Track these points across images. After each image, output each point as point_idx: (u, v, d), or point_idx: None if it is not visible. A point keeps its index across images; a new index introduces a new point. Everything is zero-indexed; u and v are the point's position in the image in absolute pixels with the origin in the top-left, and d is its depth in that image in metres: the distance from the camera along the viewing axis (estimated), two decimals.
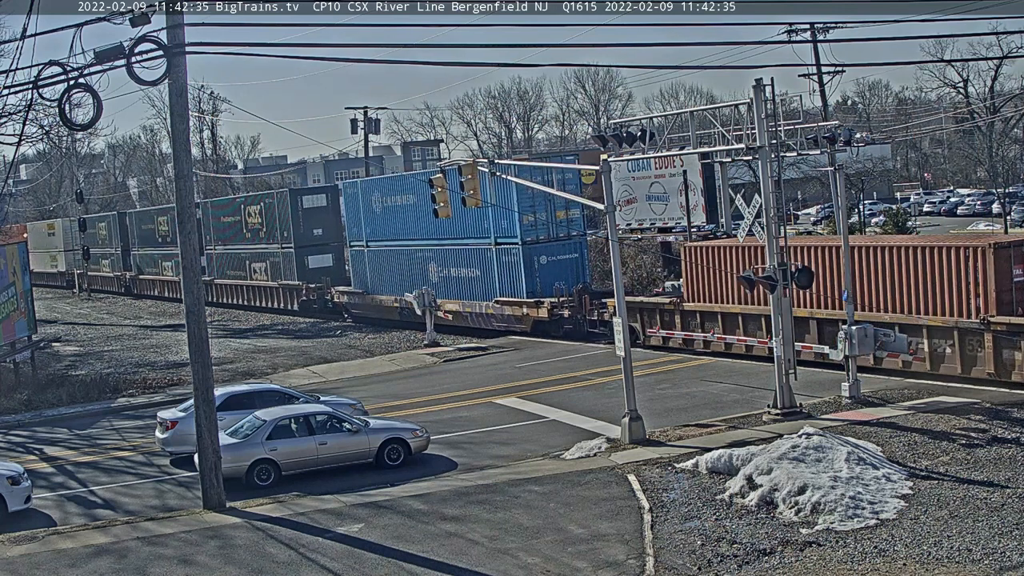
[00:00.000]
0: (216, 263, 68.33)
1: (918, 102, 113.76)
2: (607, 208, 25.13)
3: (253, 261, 63.63)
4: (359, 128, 72.65)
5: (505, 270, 43.05)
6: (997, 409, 23.78)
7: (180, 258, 21.94)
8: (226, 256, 67.20)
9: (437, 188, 32.22)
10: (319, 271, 58.10)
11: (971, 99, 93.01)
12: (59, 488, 24.80)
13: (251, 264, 63.96)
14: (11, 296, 38.69)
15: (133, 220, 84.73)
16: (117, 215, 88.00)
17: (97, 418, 33.54)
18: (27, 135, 46.15)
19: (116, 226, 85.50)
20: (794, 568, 15.98)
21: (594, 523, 18.56)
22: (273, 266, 61.07)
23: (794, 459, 19.81)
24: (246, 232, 64.13)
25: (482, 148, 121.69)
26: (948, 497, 18.24)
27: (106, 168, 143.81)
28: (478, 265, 44.29)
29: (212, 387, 21.74)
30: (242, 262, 65.07)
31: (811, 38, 61.98)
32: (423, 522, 19.36)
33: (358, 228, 53.06)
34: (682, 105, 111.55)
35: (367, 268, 52.69)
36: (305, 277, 57.90)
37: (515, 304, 42.20)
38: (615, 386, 27.46)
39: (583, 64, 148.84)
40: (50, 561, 18.65)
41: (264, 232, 61.88)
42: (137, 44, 19.36)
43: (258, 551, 18.54)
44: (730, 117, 26.40)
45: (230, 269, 66.73)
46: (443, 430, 27.04)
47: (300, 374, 39.06)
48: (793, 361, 25.29)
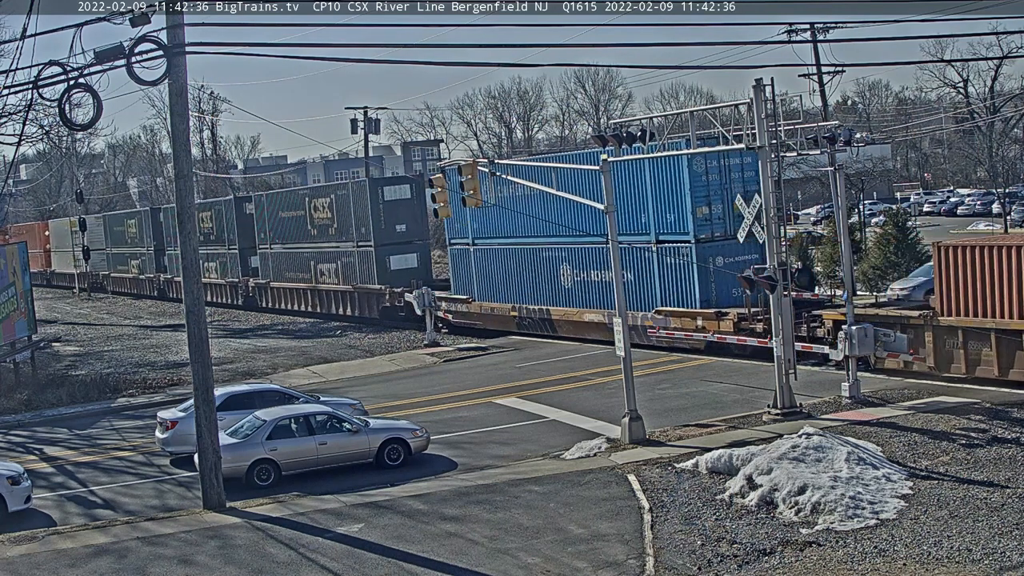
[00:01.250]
0: (272, 264, 61.31)
1: (918, 102, 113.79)
2: (607, 208, 25.13)
3: (320, 262, 56.44)
4: (359, 128, 72.63)
5: (670, 274, 35.72)
6: (997, 409, 23.78)
7: (180, 258, 21.96)
8: (285, 256, 60.01)
9: (437, 188, 32.21)
10: (402, 273, 50.68)
11: (971, 99, 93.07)
12: (59, 488, 24.80)
13: (317, 265, 56.75)
14: (11, 296, 38.69)
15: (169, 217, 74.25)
16: (150, 211, 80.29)
17: (97, 418, 33.54)
18: (27, 135, 46.26)
19: (148, 223, 78.16)
20: (794, 568, 15.98)
21: (594, 523, 18.56)
22: (346, 267, 53.75)
23: (794, 459, 19.81)
24: (312, 229, 56.87)
25: (482, 148, 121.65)
26: (948, 497, 18.24)
27: (106, 168, 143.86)
28: (631, 268, 36.12)
29: (212, 387, 21.75)
30: (305, 263, 57.80)
31: (811, 38, 61.99)
32: (423, 522, 19.36)
33: (461, 223, 45.14)
34: (682, 105, 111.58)
35: (473, 270, 45.56)
36: (387, 280, 50.56)
37: (686, 315, 34.67)
38: (615, 386, 27.46)
39: (583, 64, 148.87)
40: (50, 561, 18.65)
41: (335, 229, 54.46)
42: (137, 44, 19.37)
43: (258, 551, 18.54)
44: (730, 117, 26.39)
45: (290, 271, 59.54)
46: (443, 430, 27.04)
47: (300, 374, 39.06)
48: (794, 362, 25.26)
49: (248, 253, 64.11)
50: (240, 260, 64.50)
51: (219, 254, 67.69)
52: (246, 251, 64.12)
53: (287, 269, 59.88)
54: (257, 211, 62.72)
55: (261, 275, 62.44)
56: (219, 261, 67.93)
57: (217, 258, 68.12)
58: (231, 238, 65.44)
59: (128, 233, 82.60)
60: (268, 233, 61.40)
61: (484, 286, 44.99)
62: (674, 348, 34.98)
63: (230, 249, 65.69)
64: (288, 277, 59.71)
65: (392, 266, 51.09)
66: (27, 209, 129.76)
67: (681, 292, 35.21)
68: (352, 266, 53.11)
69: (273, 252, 61.15)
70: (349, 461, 23.92)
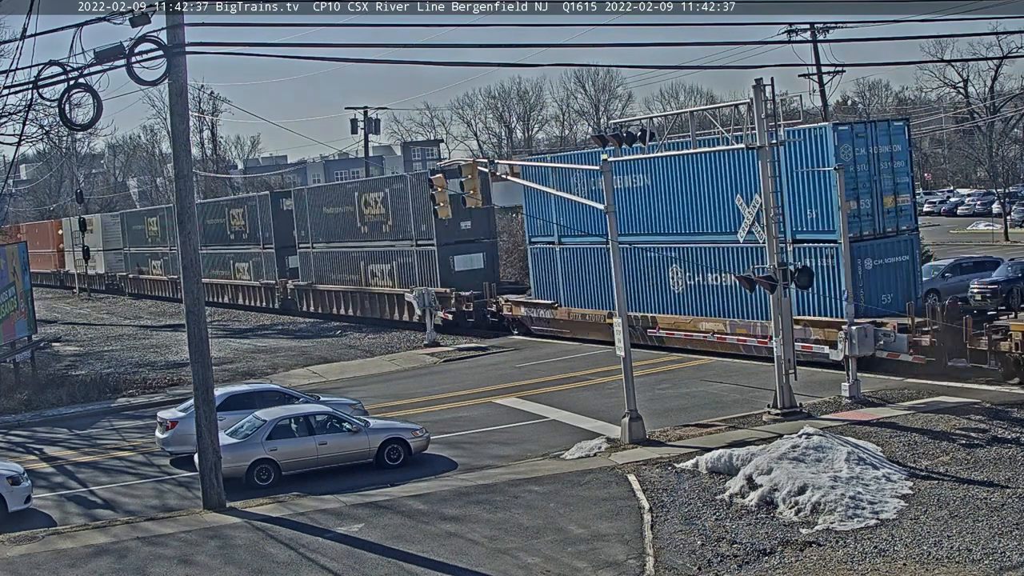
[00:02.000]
0: (315, 264, 56.70)
1: (918, 102, 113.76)
2: (606, 208, 25.13)
3: (372, 263, 51.66)
4: (359, 128, 72.65)
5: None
6: (997, 409, 23.78)
7: (180, 258, 21.96)
8: (330, 256, 55.28)
9: (437, 188, 32.21)
10: (468, 275, 45.97)
11: (971, 99, 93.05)
12: (59, 488, 24.80)
13: (368, 266, 52.00)
14: (11, 296, 38.70)
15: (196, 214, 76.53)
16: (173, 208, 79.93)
17: (97, 418, 33.54)
18: (27, 135, 46.23)
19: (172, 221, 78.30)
20: (794, 568, 15.98)
21: (594, 523, 18.56)
22: (402, 268, 49.15)
23: (794, 459, 19.81)
24: (361, 226, 52.36)
25: (482, 148, 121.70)
26: (948, 497, 18.24)
27: (106, 168, 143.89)
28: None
29: (212, 387, 21.74)
30: (354, 263, 52.99)
31: (811, 38, 61.93)
32: (423, 522, 19.36)
33: (546, 220, 41.23)
34: (682, 105, 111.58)
35: (559, 272, 40.85)
36: (451, 282, 45.89)
37: (830, 325, 29.25)
38: (615, 386, 27.46)
39: (583, 64, 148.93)
40: (50, 561, 18.65)
41: (390, 226, 49.75)
42: (137, 44, 19.37)
43: (258, 551, 18.54)
44: (730, 117, 26.40)
45: (336, 272, 54.84)
46: (443, 430, 27.03)
47: (300, 374, 39.06)
48: (794, 362, 25.27)
49: (286, 253, 59.54)
50: (276, 261, 60.05)
51: (252, 254, 63.20)
52: (283, 251, 59.59)
53: (332, 270, 55.09)
54: (297, 207, 58.08)
55: (301, 277, 57.90)
56: (252, 262, 63.41)
57: (250, 258, 63.50)
58: (266, 237, 60.98)
59: (148, 232, 77.63)
60: (310, 231, 56.63)
61: (572, 290, 40.26)
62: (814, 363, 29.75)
63: (265, 249, 61.30)
64: (333, 279, 54.90)
65: (456, 267, 46.37)
66: (27, 209, 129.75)
67: (824, 299, 30.13)
68: (410, 266, 48.45)
69: (316, 252, 56.38)
70: (349, 461, 23.91)
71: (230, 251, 65.85)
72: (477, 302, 44.46)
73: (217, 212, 68.10)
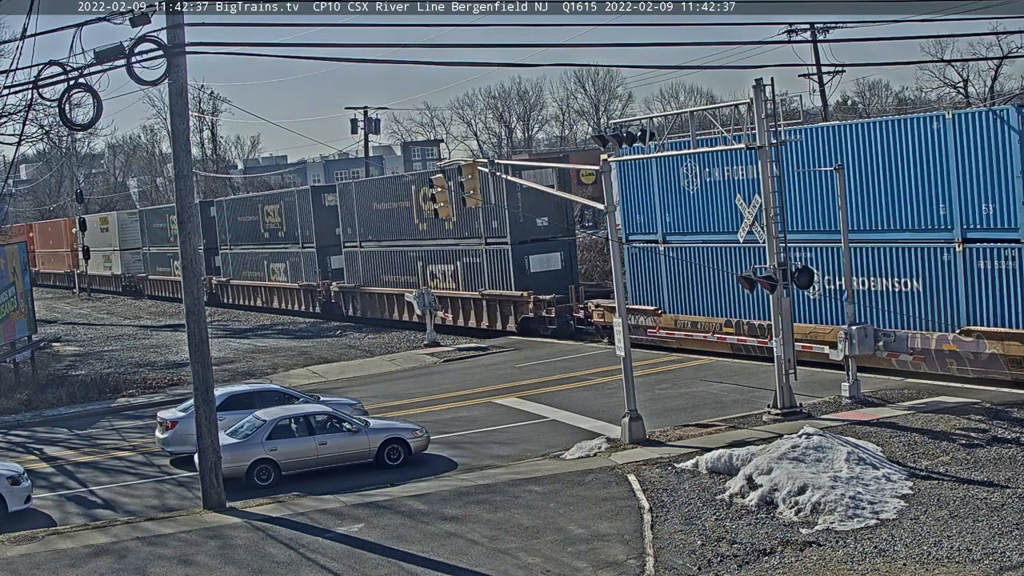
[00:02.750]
0: (363, 264, 52.62)
1: (918, 102, 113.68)
2: (607, 208, 25.14)
3: (431, 263, 47.54)
4: (359, 128, 72.67)
5: (983, 283, 26.79)
6: (997, 409, 23.77)
7: (180, 258, 21.94)
8: (381, 255, 51.30)
9: (437, 188, 32.23)
10: (544, 276, 42.19)
11: (971, 99, 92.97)
12: (59, 488, 24.80)
13: (427, 267, 47.88)
14: (11, 296, 38.71)
15: (224, 211, 66.89)
16: (200, 205, 66.79)
17: (97, 418, 33.54)
18: (27, 135, 46.26)
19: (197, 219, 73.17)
20: (794, 568, 15.97)
21: (594, 523, 18.56)
22: (469, 269, 44.90)
23: (794, 459, 19.81)
24: (419, 223, 48.05)
25: (482, 148, 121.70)
26: (948, 497, 18.23)
27: (106, 168, 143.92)
28: (917, 274, 28.28)
29: (212, 387, 21.74)
30: (410, 263, 49.12)
31: (811, 38, 61.95)
32: (423, 522, 19.36)
33: (646, 215, 36.46)
34: (682, 105, 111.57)
35: (663, 274, 36.03)
36: (526, 284, 42.12)
37: (1013, 338, 25.99)
38: (615, 386, 27.45)
39: (583, 64, 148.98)
40: (50, 561, 18.65)
41: (453, 223, 44.67)
42: (137, 44, 19.38)
43: (258, 551, 18.54)
44: (730, 117, 26.40)
45: (389, 273, 50.69)
46: (443, 430, 27.03)
47: (300, 374, 39.07)
48: (794, 362, 25.27)
49: (328, 253, 55.62)
50: (317, 261, 56.23)
51: (289, 254, 59.48)
52: (326, 250, 55.78)
53: (383, 272, 51.07)
54: (342, 203, 53.80)
55: (347, 278, 53.94)
56: (289, 262, 59.47)
57: (287, 258, 59.57)
58: (306, 235, 57.39)
59: (171, 230, 71.36)
60: (357, 229, 52.70)
61: (679, 294, 35.43)
62: (989, 379, 26.55)
63: (304, 248, 57.73)
64: (385, 281, 50.93)
65: (532, 267, 42.37)
66: (27, 209, 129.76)
67: (1001, 307, 26.45)
68: (476, 266, 44.34)
69: (364, 252, 52.56)
70: (349, 461, 23.92)
71: (264, 251, 62.00)
72: (560, 307, 40.55)
73: (249, 209, 64.02)
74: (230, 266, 66.36)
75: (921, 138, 27.84)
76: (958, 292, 27.39)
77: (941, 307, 27.88)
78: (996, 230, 26.59)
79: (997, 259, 26.55)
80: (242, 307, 64.55)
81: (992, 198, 26.55)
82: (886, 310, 28.89)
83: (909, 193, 28.33)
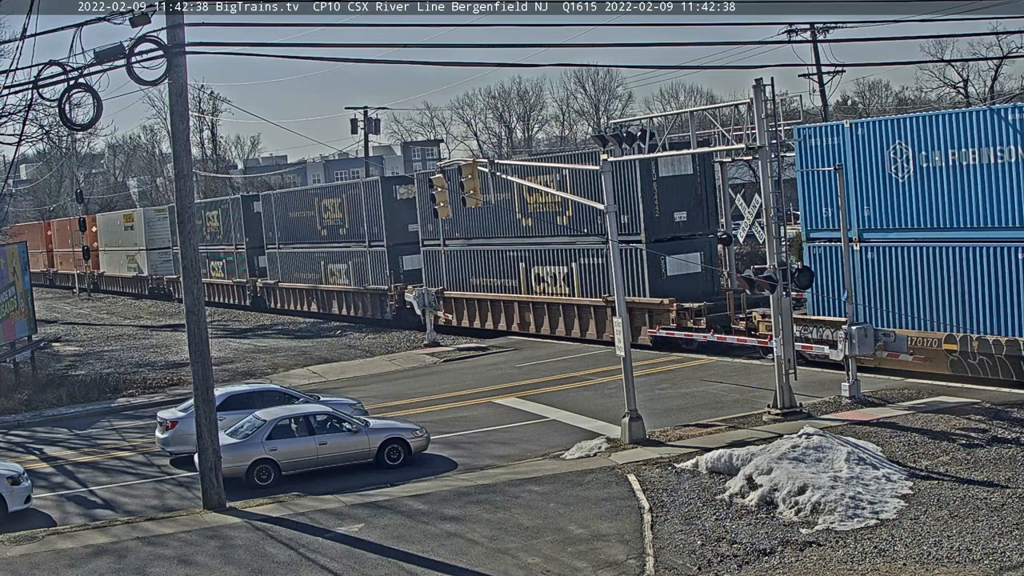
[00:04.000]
0: (447, 265, 46.40)
1: (918, 102, 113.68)
2: (607, 208, 25.14)
3: (538, 264, 41.50)
4: (359, 128, 72.71)
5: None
6: (997, 409, 23.77)
7: (180, 258, 21.94)
8: (471, 255, 45.24)
9: (437, 188, 32.23)
10: (683, 281, 36.33)
11: (971, 99, 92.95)
12: (59, 488, 24.80)
13: (532, 269, 41.71)
14: (11, 296, 38.72)
15: (273, 206, 60.66)
16: (241, 200, 64.57)
17: (97, 418, 33.55)
18: (27, 135, 46.20)
19: (238, 215, 63.30)
20: (794, 568, 15.97)
21: (594, 523, 18.56)
22: (587, 271, 39.02)
23: (794, 459, 19.81)
24: (524, 218, 42.10)
25: (482, 148, 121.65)
26: (948, 497, 18.23)
27: (106, 168, 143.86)
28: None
29: (212, 387, 21.74)
30: (511, 265, 42.96)
31: (811, 38, 61.95)
32: (423, 522, 19.36)
33: (833, 208, 29.98)
34: (682, 105, 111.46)
35: (859, 279, 29.77)
36: (661, 290, 36.20)
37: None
38: (615, 386, 27.46)
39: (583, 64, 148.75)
40: (50, 561, 18.65)
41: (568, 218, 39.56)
42: (137, 44, 19.38)
43: (258, 551, 18.54)
44: (730, 117, 26.42)
45: (478, 275, 44.85)
46: (443, 430, 27.03)
47: (300, 374, 39.07)
48: (794, 362, 25.27)
49: (400, 253, 49.98)
50: (388, 261, 50.41)
51: (351, 253, 53.36)
52: (397, 250, 50.05)
53: (472, 273, 45.40)
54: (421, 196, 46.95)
55: (427, 280, 47.80)
56: (352, 262, 53.26)
57: (349, 258, 53.47)
58: (375, 232, 51.12)
59: (208, 228, 67.04)
60: (440, 225, 45.51)
61: (880, 303, 29.53)
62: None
63: (372, 247, 51.63)
64: (474, 284, 45.38)
65: (668, 270, 36.32)
66: (27, 209, 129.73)
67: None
68: (598, 269, 38.43)
69: (449, 250, 46.59)
70: (349, 461, 23.92)
71: (319, 250, 56.03)
72: (713, 316, 34.14)
73: (303, 203, 58.28)
74: (278, 267, 60.34)
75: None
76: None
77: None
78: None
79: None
80: (293, 312, 58.72)
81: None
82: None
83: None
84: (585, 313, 39.47)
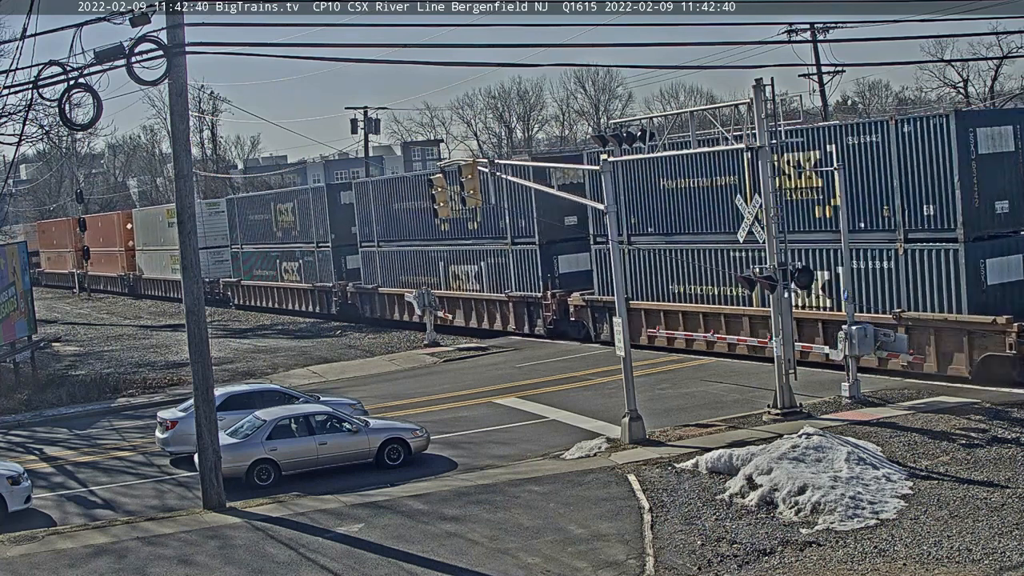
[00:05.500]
0: (637, 266, 36.76)
1: (918, 102, 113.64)
2: (607, 208, 25.12)
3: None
4: (359, 128, 72.65)
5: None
6: (997, 409, 23.77)
7: (181, 258, 21.94)
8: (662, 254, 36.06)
9: (437, 188, 32.22)
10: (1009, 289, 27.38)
11: (971, 99, 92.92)
12: (59, 488, 24.80)
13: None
14: (11, 296, 38.71)
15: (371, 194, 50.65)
16: (326, 189, 55.24)
17: (97, 418, 33.54)
18: (27, 135, 46.14)
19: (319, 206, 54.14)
20: (794, 568, 15.97)
21: (594, 523, 18.55)
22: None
23: (794, 459, 19.81)
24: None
25: (482, 148, 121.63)
26: (948, 497, 18.23)
27: (106, 168, 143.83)
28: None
29: (212, 387, 21.75)
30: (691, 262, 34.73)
31: (811, 38, 61.93)
32: (423, 522, 19.36)
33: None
34: (682, 105, 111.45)
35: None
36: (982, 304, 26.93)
37: None
38: (615, 386, 27.45)
39: (583, 64, 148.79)
40: (50, 561, 18.65)
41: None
42: (137, 44, 19.39)
43: (258, 551, 18.53)
44: (730, 117, 26.40)
45: (678, 284, 35.44)
46: (443, 430, 27.03)
47: (300, 374, 39.06)
48: (794, 362, 25.26)
49: (554, 252, 41.00)
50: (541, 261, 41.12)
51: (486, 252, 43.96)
52: (551, 248, 40.98)
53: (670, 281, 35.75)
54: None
55: (596, 289, 38.52)
56: (485, 263, 43.85)
57: (486, 258, 43.98)
58: (529, 229, 41.51)
59: (280, 222, 58.26)
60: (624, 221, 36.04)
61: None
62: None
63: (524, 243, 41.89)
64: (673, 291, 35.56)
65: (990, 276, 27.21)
66: (27, 209, 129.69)
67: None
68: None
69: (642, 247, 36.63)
70: (349, 461, 23.91)
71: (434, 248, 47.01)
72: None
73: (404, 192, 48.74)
74: (371, 269, 51.41)
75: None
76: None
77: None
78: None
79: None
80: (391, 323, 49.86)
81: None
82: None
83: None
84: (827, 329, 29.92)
